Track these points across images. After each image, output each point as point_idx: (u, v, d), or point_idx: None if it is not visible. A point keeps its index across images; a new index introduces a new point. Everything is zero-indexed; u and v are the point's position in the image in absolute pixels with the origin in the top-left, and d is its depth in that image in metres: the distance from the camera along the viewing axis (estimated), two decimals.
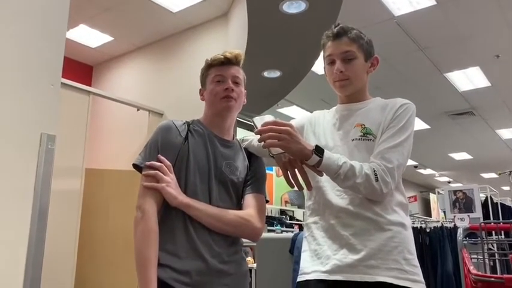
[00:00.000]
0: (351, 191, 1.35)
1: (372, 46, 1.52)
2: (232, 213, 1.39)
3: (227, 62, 1.48)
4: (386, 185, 1.30)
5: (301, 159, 1.32)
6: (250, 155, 1.55)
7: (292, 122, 1.63)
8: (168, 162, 1.36)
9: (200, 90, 1.57)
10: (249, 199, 1.45)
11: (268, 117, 1.32)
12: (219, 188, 1.40)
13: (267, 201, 1.53)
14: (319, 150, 1.30)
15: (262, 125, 1.29)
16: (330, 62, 1.50)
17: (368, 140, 1.40)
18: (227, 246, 1.38)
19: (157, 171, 1.34)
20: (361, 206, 1.34)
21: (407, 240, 1.34)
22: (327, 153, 1.30)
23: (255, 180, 1.50)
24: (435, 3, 4.28)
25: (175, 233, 1.33)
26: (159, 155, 1.36)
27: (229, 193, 1.43)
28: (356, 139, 1.41)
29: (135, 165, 1.41)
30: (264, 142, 1.28)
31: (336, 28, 1.48)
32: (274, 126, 1.28)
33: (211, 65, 1.50)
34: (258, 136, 1.29)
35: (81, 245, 3.12)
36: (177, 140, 1.40)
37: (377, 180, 1.29)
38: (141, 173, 1.39)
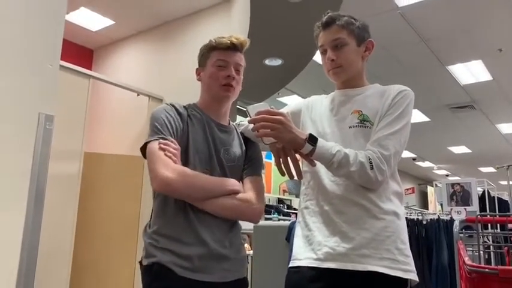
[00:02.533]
0: (345, 179, 1.35)
1: (365, 30, 1.49)
2: (231, 199, 1.38)
3: (233, 47, 1.45)
4: (381, 173, 1.30)
5: (295, 148, 1.32)
6: (246, 140, 1.55)
7: (288, 107, 1.63)
8: (179, 147, 1.34)
9: (197, 69, 1.53)
10: (247, 182, 1.46)
11: (262, 106, 1.32)
12: (218, 174, 1.40)
13: (259, 175, 1.53)
14: (312, 139, 1.29)
15: (256, 114, 1.29)
16: (323, 51, 1.50)
17: (365, 127, 1.39)
18: (228, 231, 1.39)
19: (175, 152, 1.30)
20: (356, 193, 1.34)
21: (400, 230, 1.34)
22: (320, 141, 1.30)
23: (252, 164, 1.51)
24: None
25: (175, 221, 1.33)
26: (172, 140, 1.33)
27: (232, 176, 1.43)
28: (353, 126, 1.40)
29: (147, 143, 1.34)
30: (257, 131, 1.28)
31: (325, 17, 1.48)
32: (266, 116, 1.27)
33: (215, 47, 1.46)
34: None
35: (79, 230, 3.12)
36: (179, 124, 1.39)
37: (372, 168, 1.29)
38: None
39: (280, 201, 8.23)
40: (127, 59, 5.14)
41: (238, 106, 5.34)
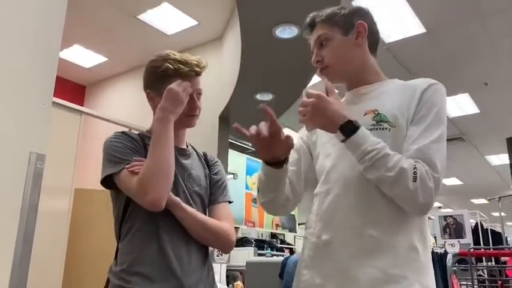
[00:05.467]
0: (380, 186, 1.07)
1: (353, 15, 1.25)
2: (213, 221, 1.33)
3: (195, 74, 1.36)
4: (426, 190, 1.02)
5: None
6: (207, 161, 1.48)
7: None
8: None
9: (149, 92, 1.39)
10: (219, 209, 1.39)
11: (313, 87, 1.15)
12: (183, 200, 1.31)
13: (230, 202, 1.46)
14: (347, 129, 1.07)
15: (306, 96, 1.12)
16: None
17: (383, 128, 1.12)
18: (201, 264, 1.32)
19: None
20: (372, 220, 1.08)
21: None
22: (359, 132, 1.06)
23: (218, 187, 1.44)
24: (425, 30, 4.38)
25: (146, 252, 1.24)
26: (134, 157, 1.26)
27: (196, 204, 1.35)
28: (368, 129, 1.11)
29: (108, 176, 1.27)
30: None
31: (307, 21, 1.30)
32: (304, 100, 1.10)
33: (175, 75, 1.33)
34: None
35: (68, 267, 3.05)
36: (141, 150, 1.32)
37: (414, 180, 1.01)
38: (109, 187, 1.31)
39: (273, 235, 8.12)
40: (119, 95, 5.18)
41: (230, 140, 5.36)
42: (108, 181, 1.29)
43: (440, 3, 3.97)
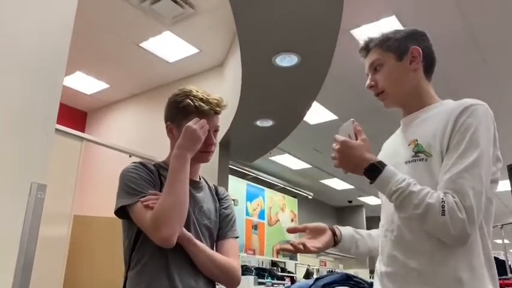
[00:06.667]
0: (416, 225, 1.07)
1: (408, 39, 1.24)
2: (223, 258, 1.34)
3: (214, 113, 1.39)
4: (457, 222, 0.99)
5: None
6: (218, 194, 1.51)
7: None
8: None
9: (169, 125, 1.43)
10: (228, 245, 1.41)
11: (346, 126, 1.19)
12: (195, 234, 1.34)
13: (237, 237, 1.49)
14: (373, 170, 1.09)
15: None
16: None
17: (419, 159, 1.12)
18: None
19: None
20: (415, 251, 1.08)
21: None
22: (385, 173, 1.08)
23: (228, 222, 1.46)
24: None
25: (156, 283, 1.26)
26: (150, 191, 1.28)
27: (204, 237, 1.37)
28: (408, 161, 1.13)
29: (122, 207, 1.29)
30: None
31: (362, 45, 1.31)
32: (333, 146, 1.15)
33: (195, 112, 1.37)
34: None
35: None
36: (156, 181, 1.34)
37: (443, 214, 0.99)
38: (122, 217, 1.31)
39: (273, 263, 8.01)
40: (120, 121, 5.20)
41: (230, 166, 5.36)
42: (121, 211, 1.30)
43: (437, 31, 4.03)
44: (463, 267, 1.04)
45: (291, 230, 1.31)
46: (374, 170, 1.08)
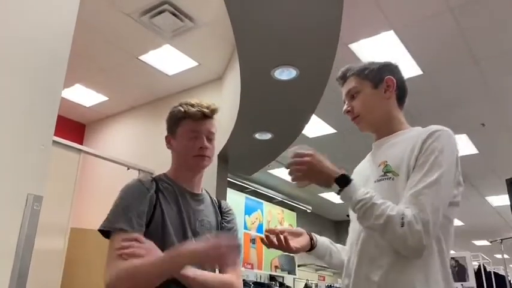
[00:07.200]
0: (378, 235, 1.14)
1: (383, 70, 1.37)
2: (224, 278, 1.32)
3: (204, 117, 1.41)
4: (414, 234, 1.06)
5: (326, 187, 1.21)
6: (221, 208, 1.49)
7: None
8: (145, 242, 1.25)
9: (167, 137, 1.46)
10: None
11: (299, 148, 1.24)
12: None
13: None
14: (343, 181, 1.16)
15: (291, 157, 1.22)
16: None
17: (387, 178, 1.21)
18: None
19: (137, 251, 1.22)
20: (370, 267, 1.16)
21: None
22: (351, 185, 1.15)
23: None
24: (421, 72, 4.45)
25: None
26: (137, 236, 1.24)
27: None
28: (377, 180, 1.24)
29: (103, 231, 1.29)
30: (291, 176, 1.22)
31: (339, 74, 1.43)
32: (297, 159, 1.20)
33: (185, 116, 1.40)
34: None
35: None
36: (149, 203, 1.31)
37: (402, 225, 1.07)
38: (107, 237, 1.28)
39: (272, 278, 7.93)
40: (119, 134, 5.20)
41: (228, 179, 5.34)
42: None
43: (436, 46, 4.06)
44: (420, 279, 1.11)
45: (269, 231, 1.33)
46: (343, 181, 1.16)
